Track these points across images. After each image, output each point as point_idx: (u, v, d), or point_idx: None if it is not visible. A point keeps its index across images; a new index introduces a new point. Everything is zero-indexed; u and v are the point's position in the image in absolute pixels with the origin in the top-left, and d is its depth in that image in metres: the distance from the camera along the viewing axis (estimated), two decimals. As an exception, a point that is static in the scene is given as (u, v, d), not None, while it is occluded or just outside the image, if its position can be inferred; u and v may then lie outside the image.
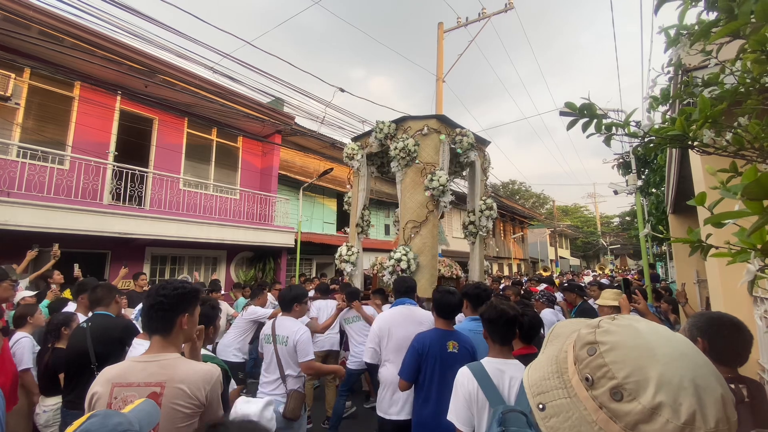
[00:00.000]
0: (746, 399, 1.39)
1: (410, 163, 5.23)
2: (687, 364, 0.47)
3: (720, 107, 0.98)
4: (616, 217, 45.09)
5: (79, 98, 7.80)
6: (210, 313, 2.11)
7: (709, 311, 1.76)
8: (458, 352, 2.44)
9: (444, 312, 2.58)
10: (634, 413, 0.45)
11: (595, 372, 0.49)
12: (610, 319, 0.55)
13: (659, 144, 1.11)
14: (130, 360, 1.50)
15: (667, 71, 1.64)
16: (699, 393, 0.44)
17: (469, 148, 5.45)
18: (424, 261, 4.97)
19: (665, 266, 14.52)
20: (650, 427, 0.44)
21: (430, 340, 2.46)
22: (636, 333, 0.50)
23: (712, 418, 0.44)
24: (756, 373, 2.12)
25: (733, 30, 0.77)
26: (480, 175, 5.86)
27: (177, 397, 1.39)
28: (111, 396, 1.38)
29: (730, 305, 2.29)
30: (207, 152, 10.31)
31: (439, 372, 2.38)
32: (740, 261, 0.62)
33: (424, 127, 5.31)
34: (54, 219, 6.28)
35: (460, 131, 5.47)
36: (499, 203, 23.26)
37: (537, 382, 0.56)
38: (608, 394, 0.47)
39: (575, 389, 0.52)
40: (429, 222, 5.11)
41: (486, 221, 5.85)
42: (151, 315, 1.50)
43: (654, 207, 9.27)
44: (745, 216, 0.54)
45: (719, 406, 0.45)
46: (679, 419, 0.43)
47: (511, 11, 10.97)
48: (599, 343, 0.51)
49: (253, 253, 10.73)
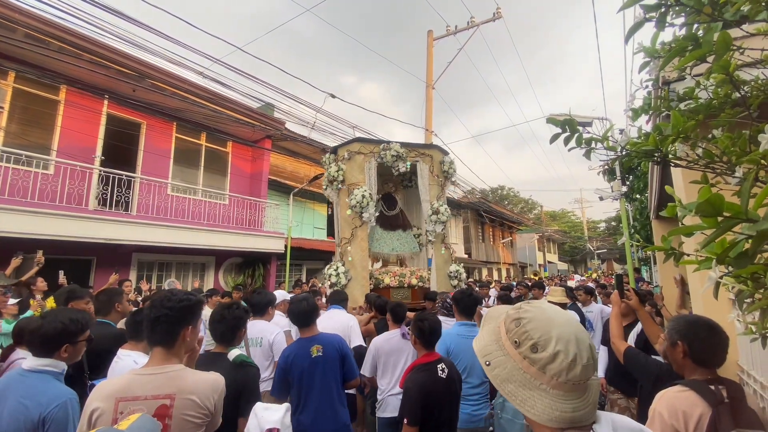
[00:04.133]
0: (726, 400, 1.40)
1: (339, 187, 5.73)
2: (571, 327, 0.76)
3: (691, 123, 1.04)
4: (603, 222, 45.84)
5: (65, 102, 7.69)
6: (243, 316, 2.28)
7: (687, 315, 1.82)
8: (323, 354, 2.52)
9: (300, 321, 2.65)
10: (545, 358, 0.73)
11: (520, 337, 0.77)
12: (527, 303, 0.83)
13: (635, 158, 1.17)
14: (132, 373, 1.45)
15: (646, 85, 1.73)
16: (578, 344, 0.74)
17: (394, 161, 5.68)
18: (355, 273, 5.39)
19: (650, 270, 14.80)
20: (553, 365, 0.73)
21: (293, 353, 2.53)
22: (542, 311, 0.79)
23: (585, 357, 0.73)
24: (735, 373, 2.20)
25: (697, 57, 0.83)
26: (427, 181, 5.94)
27: (188, 408, 1.38)
28: (116, 411, 1.33)
29: (709, 308, 2.37)
30: (196, 157, 10.22)
31: (307, 379, 2.45)
32: (704, 268, 0.68)
33: (345, 152, 5.80)
34: (38, 225, 6.16)
35: (384, 146, 5.76)
36: (488, 208, 23.53)
37: (483, 348, 0.84)
38: (529, 349, 0.75)
39: (507, 350, 0.79)
40: (357, 237, 5.52)
41: (433, 225, 5.78)
42: (155, 327, 1.47)
43: (638, 213, 9.49)
44: (704, 229, 0.59)
45: (589, 350, 0.75)
46: (568, 358, 0.72)
47: (499, 20, 11.19)
48: (522, 318, 0.79)
49: (243, 259, 10.63)
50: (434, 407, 2.25)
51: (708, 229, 0.59)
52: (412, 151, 5.96)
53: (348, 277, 5.37)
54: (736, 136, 1.06)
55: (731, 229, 0.57)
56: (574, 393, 0.73)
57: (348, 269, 5.42)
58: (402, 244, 6.33)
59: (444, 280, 5.70)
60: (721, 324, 1.59)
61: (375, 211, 5.63)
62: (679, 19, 1.05)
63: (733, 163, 1.03)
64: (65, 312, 1.95)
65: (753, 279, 0.74)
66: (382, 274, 5.65)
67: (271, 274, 10.63)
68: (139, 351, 2.22)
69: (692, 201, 0.58)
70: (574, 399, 0.73)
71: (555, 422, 0.72)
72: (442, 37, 11.98)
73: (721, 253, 0.61)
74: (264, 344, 2.96)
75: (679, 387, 1.48)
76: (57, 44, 6.85)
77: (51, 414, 1.57)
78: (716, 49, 0.77)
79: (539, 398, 0.73)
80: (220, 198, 10.13)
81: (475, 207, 22.24)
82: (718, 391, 1.42)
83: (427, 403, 2.23)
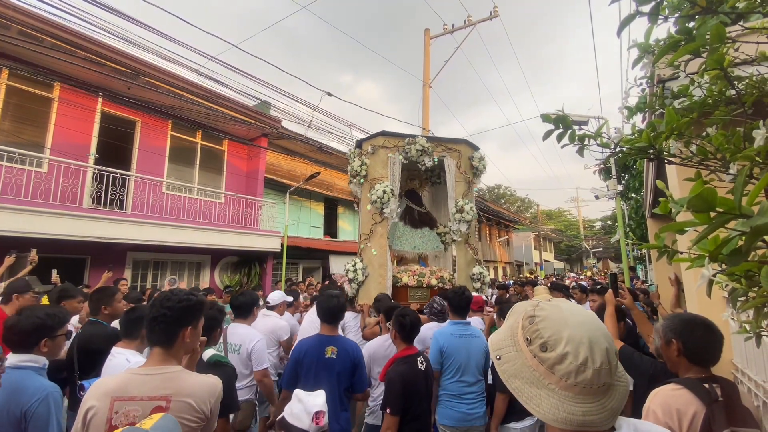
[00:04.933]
0: (720, 398, 1.39)
1: (362, 182, 5.56)
2: (585, 329, 0.72)
3: (686, 120, 1.03)
4: (599, 221, 46.05)
5: (58, 99, 7.61)
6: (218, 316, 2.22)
7: (681, 313, 1.81)
8: (336, 357, 2.47)
9: (326, 317, 2.60)
10: (553, 358, 0.71)
11: (532, 335, 0.75)
12: (547, 301, 0.81)
13: (628, 155, 1.16)
14: (129, 372, 1.44)
15: (640, 83, 1.72)
16: (591, 346, 0.70)
17: (420, 155, 5.46)
18: (372, 271, 5.23)
19: (645, 269, 14.88)
20: (561, 366, 0.70)
21: (307, 347, 2.51)
22: (558, 310, 0.77)
23: (598, 361, 0.69)
24: (729, 372, 2.20)
25: (690, 51, 0.82)
26: (454, 177, 5.65)
27: (183, 410, 1.36)
28: (111, 410, 1.32)
29: (704, 306, 2.37)
30: (191, 155, 10.16)
31: (314, 377, 2.40)
32: (697, 266, 0.67)
33: (369, 146, 5.63)
34: (31, 223, 6.10)
35: (409, 140, 5.52)
36: (485, 207, 23.56)
37: (497, 343, 0.83)
38: (539, 347, 0.73)
39: (520, 346, 0.78)
40: (376, 233, 5.35)
41: (457, 225, 5.53)
42: (154, 327, 1.45)
43: (634, 211, 9.53)
44: (697, 225, 0.58)
45: (604, 354, 0.70)
46: (577, 361, 0.69)
47: (496, 19, 11.18)
48: (536, 316, 0.77)
49: (239, 258, 10.60)
50: (414, 398, 2.31)
51: (701, 225, 0.58)
52: (439, 146, 5.69)
53: (365, 273, 5.20)
54: (730, 134, 1.06)
55: (724, 224, 0.56)
56: (587, 396, 0.70)
57: (366, 266, 5.23)
58: (425, 242, 6.07)
59: (466, 282, 5.41)
60: (715, 322, 1.59)
61: (397, 207, 5.42)
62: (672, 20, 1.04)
63: (727, 160, 1.02)
64: (42, 307, 1.97)
65: (746, 277, 0.73)
66: (401, 273, 5.40)
67: (268, 273, 10.60)
68: (132, 349, 2.22)
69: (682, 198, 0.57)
70: (587, 402, 0.70)
71: (561, 423, 0.70)
72: (439, 35, 11.96)
73: (713, 250, 0.60)
74: (242, 352, 2.83)
75: (674, 385, 1.48)
76: (51, 41, 6.78)
77: (32, 408, 1.58)
78: (710, 41, 0.75)
79: (546, 397, 0.72)
80: (215, 196, 10.08)
81: (472, 206, 22.25)
82: (712, 390, 1.42)
83: (408, 394, 2.28)
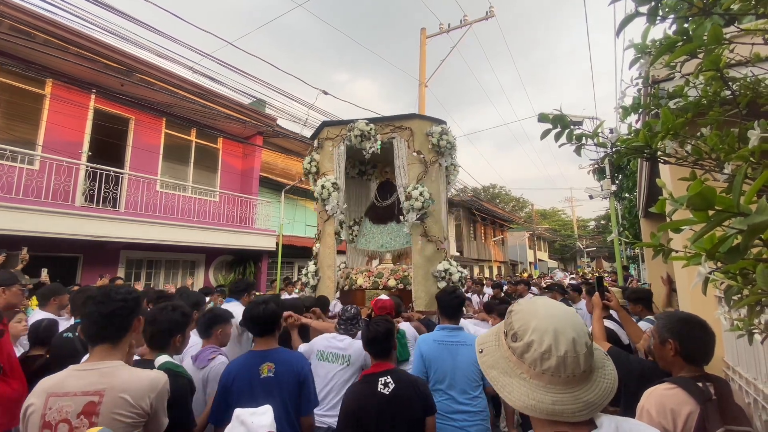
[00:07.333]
0: (713, 397, 1.39)
1: (315, 179, 5.17)
2: (554, 320, 0.78)
3: (681, 120, 1.04)
4: (592, 220, 46.34)
5: (50, 96, 7.53)
6: (180, 320, 1.94)
7: (676, 312, 1.82)
8: (275, 375, 2.01)
9: (254, 328, 2.13)
10: (521, 347, 0.78)
11: (507, 327, 0.84)
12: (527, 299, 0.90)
13: (624, 154, 1.17)
14: (70, 369, 1.41)
15: (636, 83, 1.73)
16: (556, 335, 0.75)
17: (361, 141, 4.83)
18: (323, 273, 4.94)
19: (638, 268, 15.01)
20: (528, 354, 0.77)
21: (236, 370, 2.03)
22: (532, 304, 0.84)
23: (562, 349, 0.74)
24: (721, 369, 2.22)
25: (687, 52, 0.83)
26: (405, 160, 4.85)
27: (117, 406, 1.32)
28: (45, 407, 1.29)
29: (697, 305, 2.40)
30: (186, 153, 10.09)
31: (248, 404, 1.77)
32: (693, 264, 0.68)
33: (315, 142, 5.34)
34: (23, 221, 6.03)
35: (349, 126, 4.93)
36: (479, 206, 23.64)
37: (482, 338, 0.92)
38: (511, 338, 0.81)
39: (501, 339, 0.86)
40: (324, 233, 5.05)
41: (412, 214, 4.58)
42: (104, 323, 1.43)
43: (627, 211, 9.61)
44: (694, 224, 0.59)
45: (569, 344, 0.75)
46: (541, 348, 0.75)
47: (492, 19, 11.20)
48: (512, 310, 0.85)
49: (234, 257, 10.55)
50: (369, 427, 1.90)
51: (698, 224, 0.59)
52: (387, 126, 4.93)
53: (317, 277, 4.90)
54: (725, 134, 1.07)
55: (722, 223, 0.57)
56: (557, 386, 0.75)
57: (318, 269, 4.93)
58: (393, 239, 5.45)
59: (426, 281, 4.49)
60: (707, 320, 1.61)
61: (342, 202, 4.95)
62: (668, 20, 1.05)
63: (721, 160, 1.03)
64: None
65: (742, 275, 0.74)
66: (357, 275, 4.93)
67: (263, 272, 10.56)
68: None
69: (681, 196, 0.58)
70: (558, 393, 0.74)
71: (530, 411, 0.76)
72: (435, 35, 11.96)
73: (711, 248, 0.61)
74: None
75: (667, 384, 1.48)
76: (43, 37, 6.69)
77: None
78: (707, 43, 0.76)
79: (517, 385, 0.78)
80: (210, 195, 10.02)
81: (467, 205, 22.34)
82: (706, 388, 1.42)
83: (359, 422, 1.91)
